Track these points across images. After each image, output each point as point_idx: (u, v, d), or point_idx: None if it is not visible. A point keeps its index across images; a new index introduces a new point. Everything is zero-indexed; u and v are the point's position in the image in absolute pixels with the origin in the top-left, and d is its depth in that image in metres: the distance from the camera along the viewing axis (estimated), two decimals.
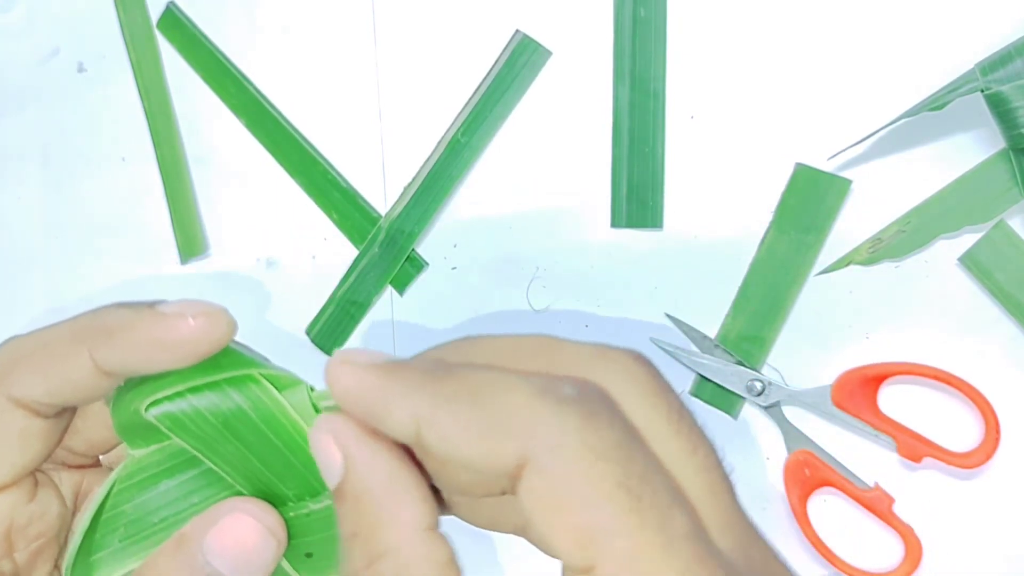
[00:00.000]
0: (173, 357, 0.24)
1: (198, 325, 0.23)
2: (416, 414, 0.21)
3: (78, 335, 0.25)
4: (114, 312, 0.25)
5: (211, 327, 0.24)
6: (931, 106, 0.39)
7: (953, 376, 0.40)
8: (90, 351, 0.24)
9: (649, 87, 0.43)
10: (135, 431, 0.26)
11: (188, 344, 0.23)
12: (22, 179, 0.51)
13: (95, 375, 0.24)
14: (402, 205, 0.45)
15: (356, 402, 0.22)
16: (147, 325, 0.24)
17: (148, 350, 0.24)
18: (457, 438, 0.21)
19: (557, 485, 0.20)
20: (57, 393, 0.25)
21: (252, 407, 0.25)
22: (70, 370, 0.24)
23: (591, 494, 0.20)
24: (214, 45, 0.48)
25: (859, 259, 0.41)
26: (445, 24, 0.46)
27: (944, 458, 0.39)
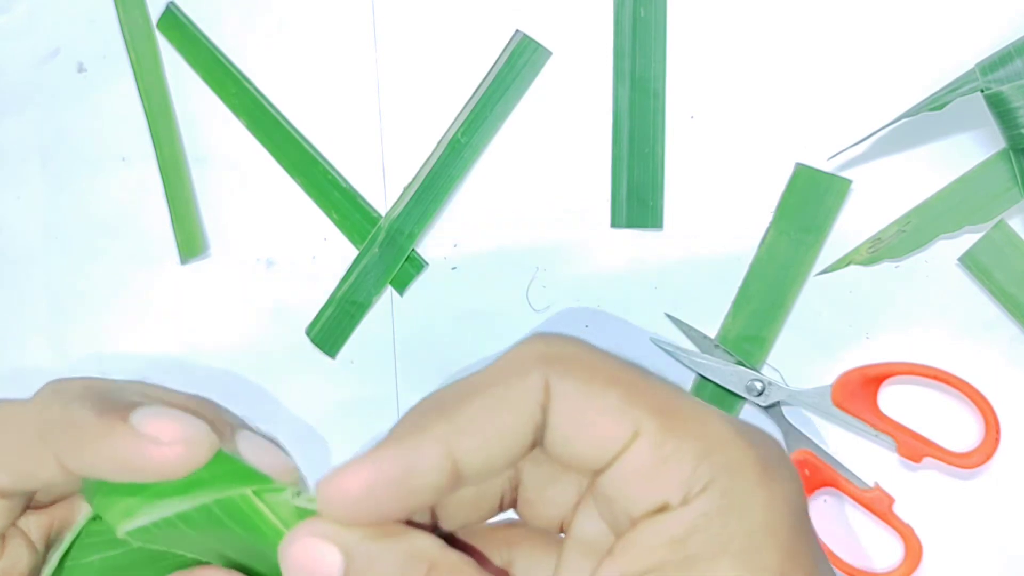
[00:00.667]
0: (141, 478, 0.23)
1: (174, 454, 0.22)
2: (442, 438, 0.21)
3: (45, 436, 0.23)
4: (85, 417, 0.23)
5: (187, 454, 0.22)
6: (931, 106, 0.39)
7: (953, 376, 0.40)
8: (57, 455, 0.23)
9: (649, 87, 0.43)
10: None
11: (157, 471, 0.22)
12: (22, 179, 0.51)
13: (62, 474, 0.23)
14: (402, 205, 0.45)
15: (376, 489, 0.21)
16: (118, 443, 0.22)
17: (117, 468, 0.22)
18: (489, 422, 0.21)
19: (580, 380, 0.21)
20: (21, 485, 0.24)
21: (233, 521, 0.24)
22: (35, 468, 0.23)
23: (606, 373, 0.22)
24: (214, 45, 0.48)
25: (859, 259, 0.41)
26: (445, 24, 0.46)
27: (944, 458, 0.39)
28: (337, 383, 0.46)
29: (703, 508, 0.20)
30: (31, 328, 0.51)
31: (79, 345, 0.50)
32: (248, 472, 0.23)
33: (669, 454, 0.21)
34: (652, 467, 0.21)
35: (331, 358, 0.46)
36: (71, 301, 0.50)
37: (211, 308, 0.48)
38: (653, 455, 0.21)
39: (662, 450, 0.21)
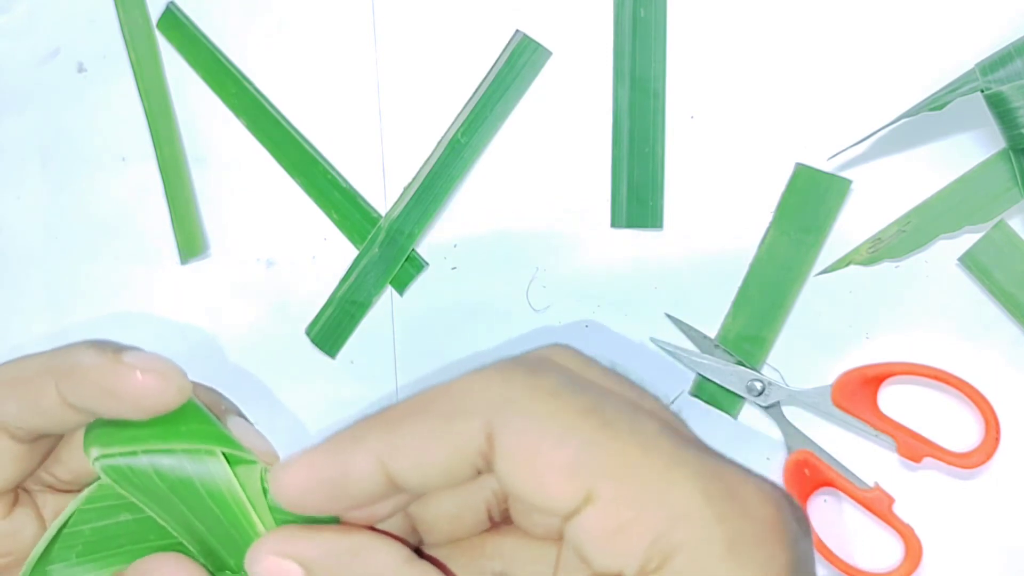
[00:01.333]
0: (121, 406, 0.24)
1: (146, 381, 0.24)
2: (376, 451, 0.21)
3: (47, 368, 0.25)
4: (83, 351, 0.25)
5: (160, 385, 0.24)
6: (931, 106, 0.39)
7: (953, 376, 0.40)
8: (56, 384, 0.25)
9: (649, 87, 0.43)
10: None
11: (134, 397, 0.24)
12: (22, 179, 0.51)
13: (62, 407, 0.25)
14: (402, 205, 0.45)
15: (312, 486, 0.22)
16: (102, 370, 0.24)
17: (100, 394, 0.24)
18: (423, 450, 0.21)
19: (526, 434, 0.20)
20: (28, 419, 0.25)
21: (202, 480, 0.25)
22: (39, 399, 0.25)
23: (558, 427, 0.20)
24: (214, 45, 0.48)
25: (859, 259, 0.41)
26: (445, 24, 0.46)
27: (944, 458, 0.39)
28: (337, 383, 0.46)
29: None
30: (31, 328, 0.51)
31: None
32: (225, 436, 0.25)
33: (625, 524, 0.20)
34: (608, 536, 0.20)
35: (331, 358, 0.46)
36: (71, 301, 0.50)
37: (211, 308, 0.48)
38: (608, 523, 0.20)
39: (618, 518, 0.20)
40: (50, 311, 0.50)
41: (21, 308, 0.51)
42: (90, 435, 0.26)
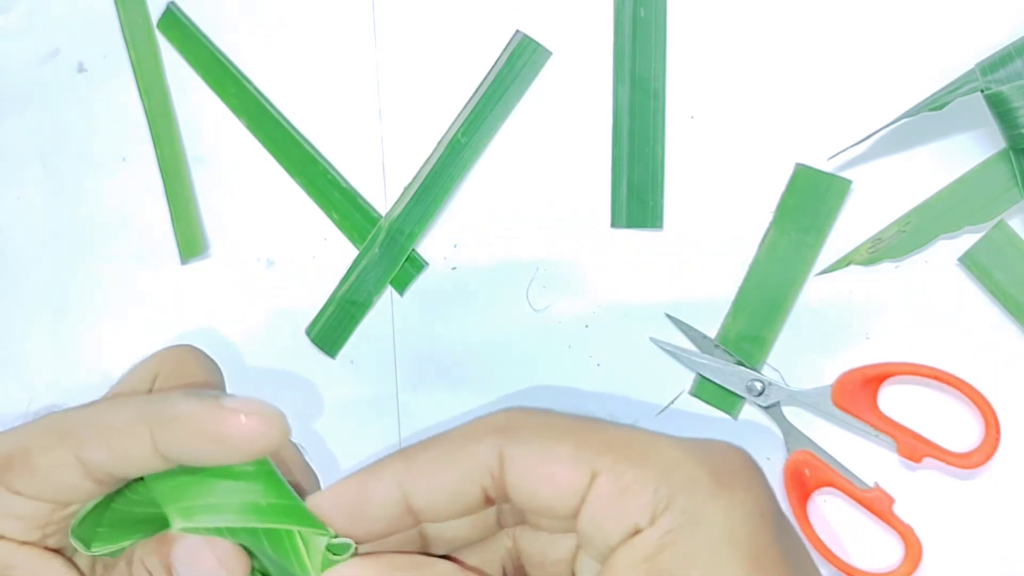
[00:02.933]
0: (225, 451, 0.25)
1: (250, 424, 0.25)
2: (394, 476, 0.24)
3: (143, 416, 0.26)
4: (180, 398, 0.26)
5: (264, 428, 0.25)
6: (931, 106, 0.39)
7: (953, 376, 0.40)
8: (152, 433, 0.25)
9: (649, 87, 0.43)
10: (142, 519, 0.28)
11: (239, 441, 0.25)
12: (22, 179, 0.51)
13: (153, 456, 0.25)
14: (402, 205, 0.45)
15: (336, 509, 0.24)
16: (205, 417, 0.25)
17: (203, 441, 0.25)
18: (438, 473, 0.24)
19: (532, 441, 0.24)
20: (114, 466, 0.26)
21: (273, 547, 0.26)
22: (130, 447, 0.26)
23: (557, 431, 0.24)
24: (214, 45, 0.48)
25: (859, 259, 0.41)
26: (445, 24, 0.46)
27: (944, 458, 0.39)
28: (337, 383, 0.46)
29: (667, 525, 0.22)
30: (31, 328, 0.51)
31: (79, 345, 0.50)
32: (303, 512, 0.25)
33: (629, 483, 0.23)
34: (617, 498, 0.23)
35: (331, 358, 0.46)
36: (71, 301, 0.50)
37: (211, 308, 0.48)
38: (615, 487, 0.23)
39: (622, 480, 0.23)
40: (50, 311, 0.50)
41: (21, 308, 0.51)
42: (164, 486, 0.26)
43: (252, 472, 0.26)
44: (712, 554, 0.22)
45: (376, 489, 0.24)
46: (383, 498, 0.24)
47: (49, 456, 0.26)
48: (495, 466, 0.24)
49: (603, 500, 0.23)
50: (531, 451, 0.24)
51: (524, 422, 0.24)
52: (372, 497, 0.24)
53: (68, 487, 0.26)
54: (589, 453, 0.23)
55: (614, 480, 0.23)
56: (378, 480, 0.24)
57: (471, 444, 0.24)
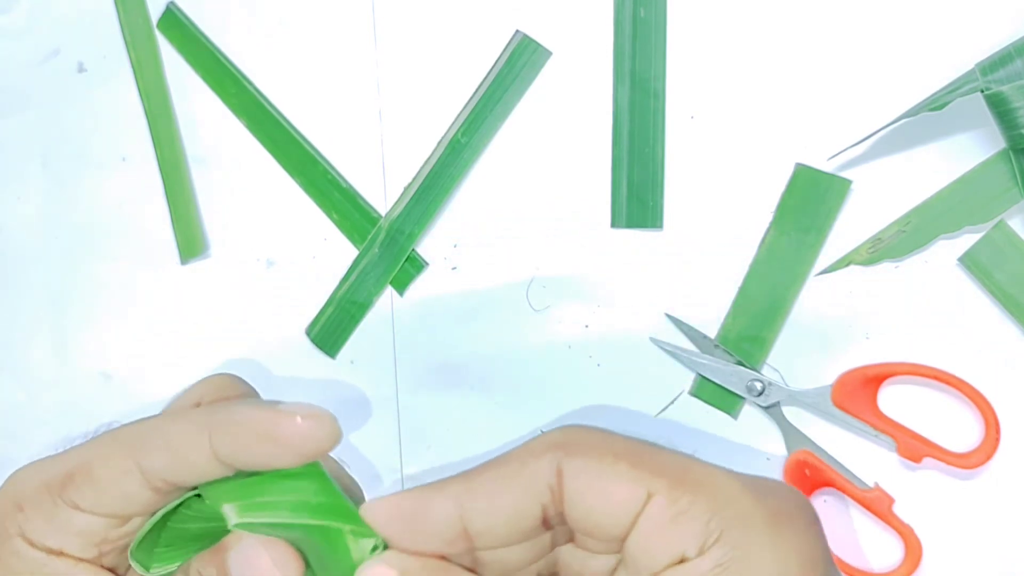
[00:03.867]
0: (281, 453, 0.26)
1: (306, 425, 0.26)
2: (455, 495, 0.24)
3: (202, 423, 0.27)
4: (236, 406, 0.27)
5: (317, 429, 0.26)
6: (931, 106, 0.39)
7: (953, 376, 0.40)
8: (210, 438, 0.26)
9: (649, 87, 0.43)
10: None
11: (295, 442, 0.26)
12: (22, 179, 0.51)
13: (211, 462, 0.26)
14: (402, 205, 0.45)
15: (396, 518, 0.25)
16: (263, 420, 0.26)
17: (260, 443, 0.26)
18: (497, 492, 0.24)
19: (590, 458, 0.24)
20: (174, 473, 0.27)
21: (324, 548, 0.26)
22: (190, 454, 0.27)
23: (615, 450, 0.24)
24: (214, 45, 0.48)
25: (859, 259, 0.41)
26: (445, 24, 0.46)
27: (944, 458, 0.39)
28: (337, 383, 0.46)
29: (717, 558, 0.22)
30: (31, 328, 0.51)
31: (79, 345, 0.50)
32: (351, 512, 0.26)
33: (682, 509, 0.23)
34: (668, 523, 0.23)
35: (331, 358, 0.46)
36: (71, 301, 0.50)
37: (211, 308, 0.48)
38: (667, 511, 0.23)
39: (676, 506, 0.23)
40: (50, 311, 0.50)
41: (21, 308, 0.51)
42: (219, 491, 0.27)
43: (305, 473, 0.27)
44: None
45: (435, 505, 0.25)
46: (440, 515, 0.25)
47: (110, 466, 0.27)
48: (554, 482, 0.24)
49: (654, 523, 0.23)
50: (589, 467, 0.24)
51: (583, 439, 0.25)
52: (429, 512, 0.25)
53: (128, 497, 0.27)
54: (646, 474, 0.23)
55: (668, 505, 0.23)
56: (439, 497, 0.25)
57: (531, 460, 0.24)
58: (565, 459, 0.24)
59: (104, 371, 0.49)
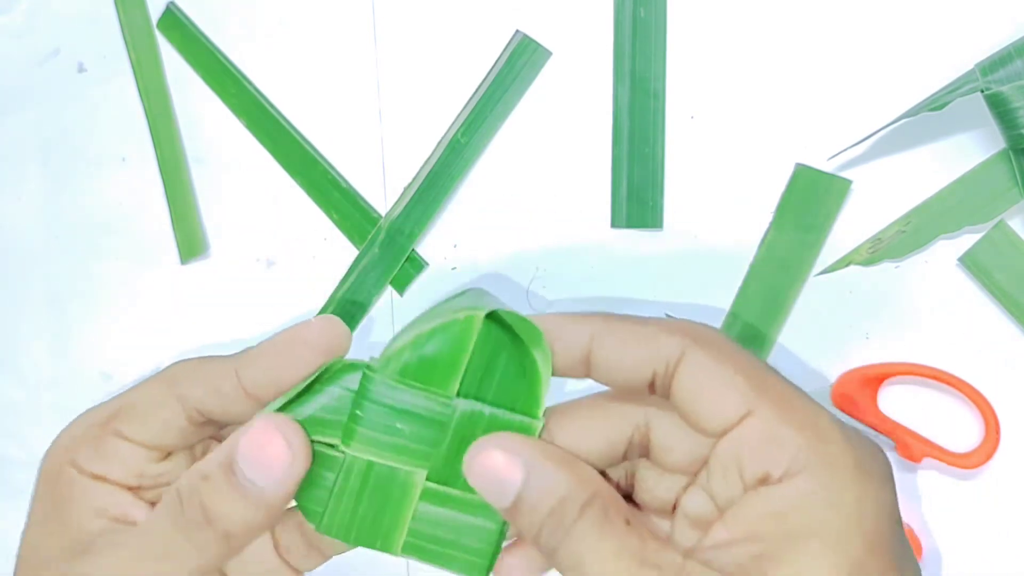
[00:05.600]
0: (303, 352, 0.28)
1: (320, 322, 0.28)
2: (592, 330, 0.27)
3: (231, 358, 0.29)
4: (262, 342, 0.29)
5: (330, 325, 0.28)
6: (931, 106, 0.39)
7: (953, 376, 0.40)
8: (237, 369, 0.29)
9: (649, 87, 0.43)
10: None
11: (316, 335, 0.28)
12: (22, 179, 0.51)
13: (239, 390, 0.29)
14: (402, 205, 0.45)
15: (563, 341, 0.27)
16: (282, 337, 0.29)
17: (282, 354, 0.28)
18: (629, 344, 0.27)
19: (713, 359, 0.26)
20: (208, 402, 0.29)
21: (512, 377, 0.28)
22: (221, 384, 0.29)
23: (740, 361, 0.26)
24: (214, 45, 0.48)
25: (859, 259, 0.41)
26: (445, 24, 0.46)
27: (944, 458, 0.39)
28: None
29: (802, 488, 0.24)
30: (31, 328, 0.51)
31: (79, 345, 0.50)
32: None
33: (778, 434, 0.24)
34: (761, 442, 0.25)
35: None
36: (71, 301, 0.50)
37: (211, 308, 0.48)
38: (763, 433, 0.25)
39: (772, 430, 0.25)
40: (50, 311, 0.50)
41: (22, 308, 0.51)
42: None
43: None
44: (836, 529, 0.23)
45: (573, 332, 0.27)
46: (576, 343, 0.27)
47: (151, 397, 0.29)
48: (673, 360, 0.26)
49: (749, 438, 0.25)
50: (708, 363, 0.26)
51: (713, 338, 0.26)
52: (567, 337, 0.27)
53: (166, 426, 0.29)
54: (754, 393, 0.25)
55: (767, 426, 0.25)
56: (578, 327, 0.27)
57: (665, 336, 0.26)
58: (690, 347, 0.26)
59: (104, 371, 0.49)
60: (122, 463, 0.29)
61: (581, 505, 0.25)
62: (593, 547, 0.25)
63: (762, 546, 0.24)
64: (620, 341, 0.27)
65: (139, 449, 0.29)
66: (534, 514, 0.25)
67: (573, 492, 0.25)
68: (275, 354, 0.28)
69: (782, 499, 0.24)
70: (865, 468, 0.25)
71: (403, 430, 0.27)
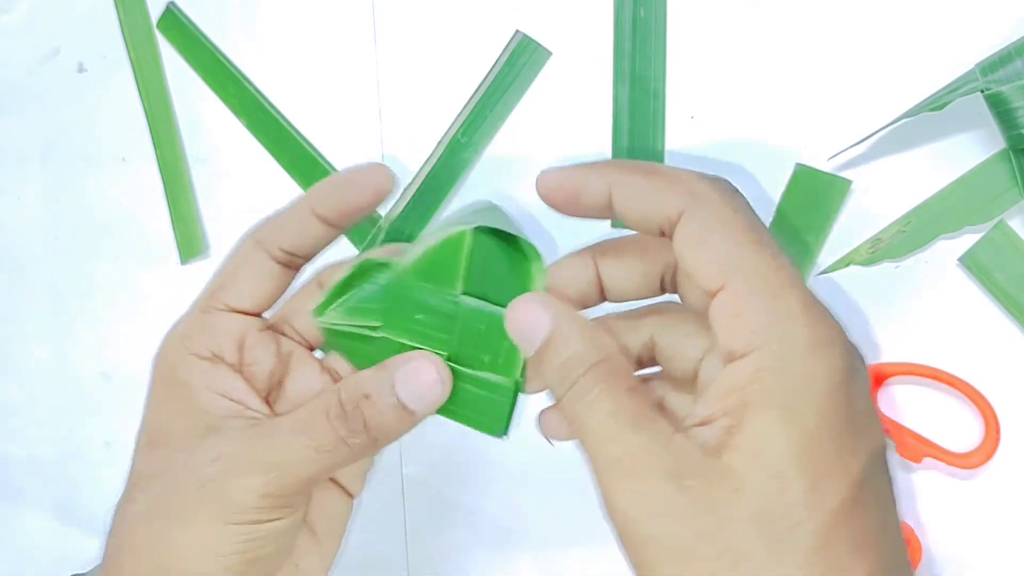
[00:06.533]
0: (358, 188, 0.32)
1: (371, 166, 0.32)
2: (609, 179, 0.29)
3: (301, 199, 0.33)
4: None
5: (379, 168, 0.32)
6: (931, 106, 0.39)
7: (953, 376, 0.40)
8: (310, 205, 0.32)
9: (649, 87, 0.43)
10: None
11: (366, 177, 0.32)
12: (22, 179, 0.51)
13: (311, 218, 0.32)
14: (402, 205, 0.45)
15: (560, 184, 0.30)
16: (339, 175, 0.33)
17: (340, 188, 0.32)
18: (638, 195, 0.28)
19: (705, 225, 0.27)
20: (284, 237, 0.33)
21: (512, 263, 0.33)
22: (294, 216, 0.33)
23: (728, 230, 0.27)
24: (214, 45, 0.48)
25: (859, 259, 0.41)
26: (445, 24, 0.46)
27: (944, 458, 0.39)
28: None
29: (758, 364, 0.25)
30: (32, 328, 0.51)
31: (80, 345, 0.50)
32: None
33: (742, 310, 0.26)
34: (728, 317, 0.26)
35: None
36: (72, 301, 0.50)
37: None
38: (730, 308, 0.26)
39: (738, 306, 0.26)
40: (51, 311, 0.50)
41: (22, 308, 0.51)
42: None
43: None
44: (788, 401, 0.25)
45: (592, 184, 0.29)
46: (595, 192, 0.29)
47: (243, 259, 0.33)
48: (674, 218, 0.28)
49: (720, 310, 0.26)
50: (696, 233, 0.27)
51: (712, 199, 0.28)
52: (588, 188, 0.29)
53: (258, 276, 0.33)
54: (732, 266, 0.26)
55: (734, 301, 0.26)
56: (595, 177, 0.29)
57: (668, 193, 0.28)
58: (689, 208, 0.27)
59: (104, 371, 0.49)
60: (230, 335, 0.32)
61: (591, 364, 0.27)
62: (592, 403, 0.27)
63: (729, 420, 0.25)
64: (631, 193, 0.29)
65: (241, 318, 0.33)
66: (552, 363, 0.28)
67: (586, 351, 0.28)
68: (339, 187, 0.32)
69: (743, 374, 0.25)
70: (820, 343, 0.26)
71: (423, 320, 0.32)
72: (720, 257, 0.27)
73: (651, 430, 0.26)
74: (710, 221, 0.27)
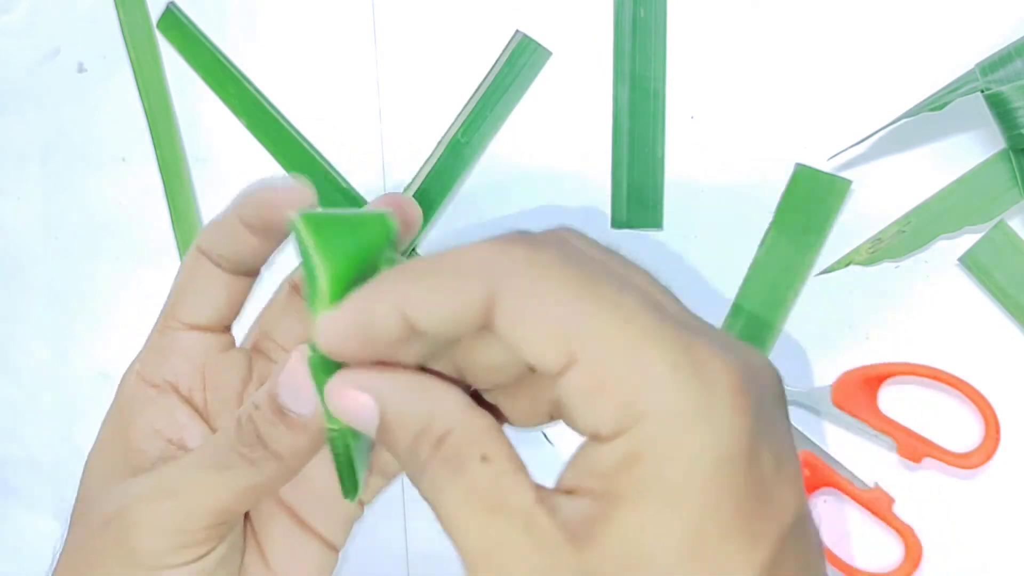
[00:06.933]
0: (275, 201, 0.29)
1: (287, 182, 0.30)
2: (395, 301, 0.23)
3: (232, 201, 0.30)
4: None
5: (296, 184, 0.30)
6: (931, 106, 0.39)
7: (953, 376, 0.40)
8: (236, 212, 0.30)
9: (649, 87, 0.43)
10: None
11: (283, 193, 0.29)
12: (22, 179, 0.51)
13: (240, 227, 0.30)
14: None
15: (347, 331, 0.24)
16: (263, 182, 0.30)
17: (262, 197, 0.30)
18: (433, 303, 0.23)
19: (520, 301, 0.22)
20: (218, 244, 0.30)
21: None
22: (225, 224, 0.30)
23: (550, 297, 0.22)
24: (214, 45, 0.48)
25: (859, 259, 0.41)
26: (445, 24, 0.46)
27: (944, 458, 0.39)
28: None
29: (627, 448, 0.21)
30: (31, 328, 0.51)
31: (79, 345, 0.50)
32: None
33: (601, 385, 0.21)
34: (586, 393, 0.22)
35: None
36: (71, 301, 0.50)
37: None
38: (586, 383, 0.21)
39: (595, 379, 0.21)
40: (50, 311, 0.50)
41: (22, 308, 0.51)
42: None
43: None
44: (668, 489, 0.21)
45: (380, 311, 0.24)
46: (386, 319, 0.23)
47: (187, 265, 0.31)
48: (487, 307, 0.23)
49: (574, 389, 0.22)
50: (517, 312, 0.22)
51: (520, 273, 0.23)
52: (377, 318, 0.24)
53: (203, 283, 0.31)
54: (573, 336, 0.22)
55: (588, 375, 0.21)
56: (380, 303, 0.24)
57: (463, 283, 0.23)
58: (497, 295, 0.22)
59: (104, 371, 0.49)
60: (188, 359, 0.31)
61: (434, 442, 0.23)
62: (443, 487, 0.23)
63: (596, 507, 0.21)
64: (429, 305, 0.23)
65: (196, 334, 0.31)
66: (395, 449, 0.24)
67: (427, 427, 0.24)
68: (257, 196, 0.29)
69: (609, 460, 0.21)
70: (701, 408, 0.21)
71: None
72: (550, 331, 0.22)
73: (509, 511, 0.22)
74: (527, 290, 0.22)
